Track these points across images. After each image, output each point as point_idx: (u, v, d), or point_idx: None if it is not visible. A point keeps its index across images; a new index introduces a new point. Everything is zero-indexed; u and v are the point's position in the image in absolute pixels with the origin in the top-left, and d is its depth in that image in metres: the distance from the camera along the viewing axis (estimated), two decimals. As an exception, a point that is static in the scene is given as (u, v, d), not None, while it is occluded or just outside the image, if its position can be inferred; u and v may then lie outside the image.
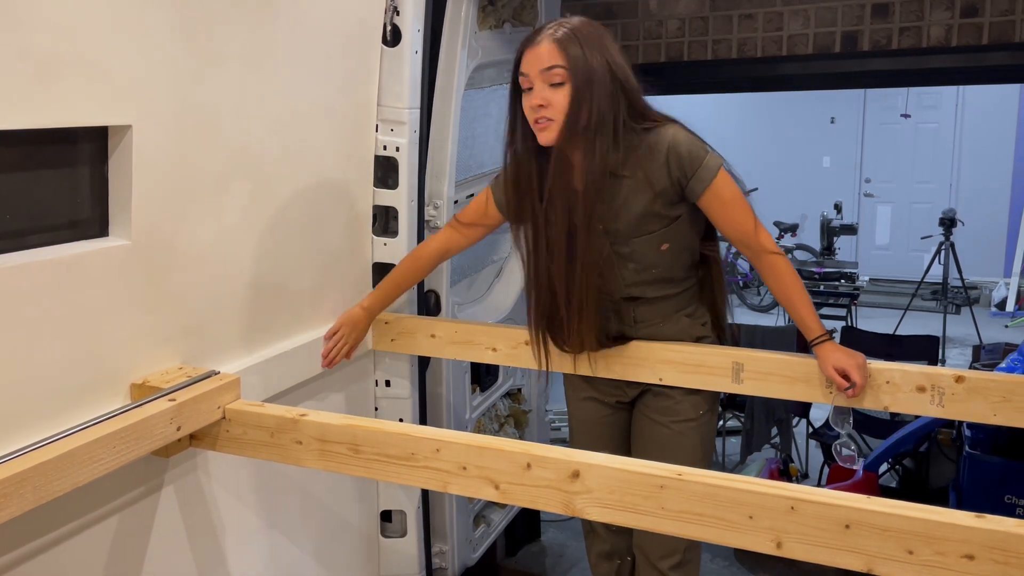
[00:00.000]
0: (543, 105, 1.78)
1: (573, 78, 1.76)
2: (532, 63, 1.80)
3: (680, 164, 1.82)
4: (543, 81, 1.78)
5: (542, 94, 1.78)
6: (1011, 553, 1.12)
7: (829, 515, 1.21)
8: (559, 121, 1.79)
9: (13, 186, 1.41)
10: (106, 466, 1.38)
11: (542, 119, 1.80)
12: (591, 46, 1.78)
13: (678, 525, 1.31)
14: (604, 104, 1.77)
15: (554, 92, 1.78)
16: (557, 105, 1.78)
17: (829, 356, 1.85)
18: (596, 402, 2.12)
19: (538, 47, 1.79)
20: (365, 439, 1.51)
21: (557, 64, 1.76)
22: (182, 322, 1.69)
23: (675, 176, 1.83)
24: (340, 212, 2.15)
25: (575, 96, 1.76)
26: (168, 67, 1.56)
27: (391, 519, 2.48)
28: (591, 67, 1.77)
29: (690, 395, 2.00)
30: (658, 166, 1.83)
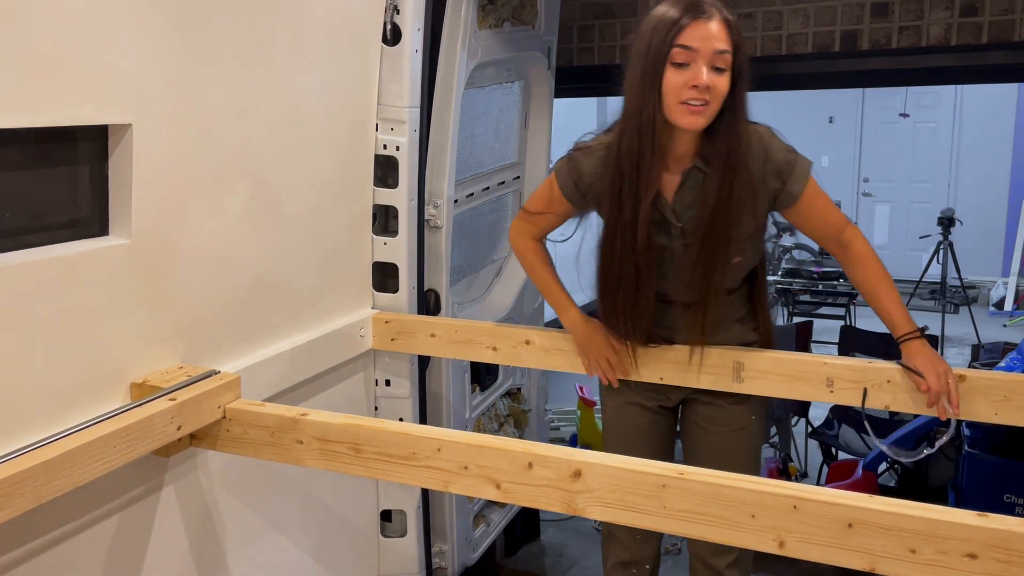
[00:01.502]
0: (709, 86, 1.63)
1: (735, 68, 1.66)
2: (703, 39, 1.63)
3: (778, 172, 1.77)
4: (709, 62, 1.63)
5: (710, 74, 1.63)
6: (1014, 552, 1.12)
7: (831, 514, 1.21)
8: (713, 108, 1.66)
9: (13, 185, 1.41)
10: (106, 466, 1.37)
11: (699, 100, 1.64)
12: (740, 30, 1.70)
13: (680, 524, 1.30)
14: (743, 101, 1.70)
15: (717, 76, 1.64)
16: (719, 90, 1.64)
17: (913, 356, 1.81)
18: (639, 407, 2.07)
19: (709, 23, 1.63)
20: (366, 439, 1.51)
21: (727, 49, 1.64)
22: (182, 321, 1.69)
23: (772, 186, 1.78)
24: (340, 211, 2.15)
25: (732, 86, 1.66)
26: (168, 66, 1.55)
27: (391, 519, 2.47)
28: (746, 57, 1.68)
29: (739, 404, 2.00)
30: (756, 173, 1.77)
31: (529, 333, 2.15)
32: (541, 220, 2.01)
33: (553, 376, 3.64)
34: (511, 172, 3.06)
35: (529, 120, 3.09)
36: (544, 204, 1.99)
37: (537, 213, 2.01)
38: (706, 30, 1.63)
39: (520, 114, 3.05)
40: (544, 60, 2.98)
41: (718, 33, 1.63)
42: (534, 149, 3.14)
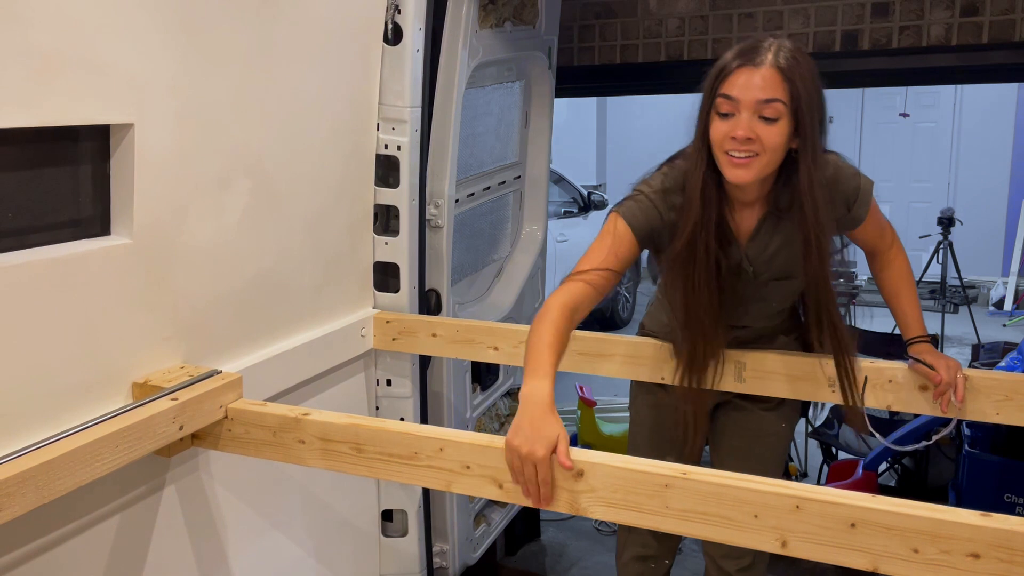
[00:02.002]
0: (750, 138, 1.56)
1: (792, 116, 1.56)
2: (747, 89, 1.54)
3: (846, 200, 1.75)
4: (754, 112, 1.55)
5: (750, 125, 1.55)
6: (1017, 552, 1.12)
7: (834, 514, 1.21)
8: (764, 160, 1.58)
9: (16, 184, 1.41)
10: (108, 465, 1.37)
11: (743, 152, 1.57)
12: (809, 78, 1.58)
13: (683, 524, 1.30)
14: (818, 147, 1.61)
15: (765, 126, 1.55)
16: (767, 140, 1.56)
17: (921, 355, 1.83)
18: (671, 409, 2.04)
19: (756, 71, 1.54)
20: (368, 438, 1.51)
21: (778, 98, 1.54)
22: (184, 321, 1.69)
23: (839, 212, 1.75)
24: (341, 211, 2.15)
25: (792, 136, 1.58)
26: (170, 65, 1.55)
27: (392, 518, 2.47)
28: (811, 106, 1.57)
29: (771, 410, 2.01)
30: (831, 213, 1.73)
31: (530, 333, 2.15)
32: (597, 277, 1.68)
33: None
34: (512, 172, 3.06)
35: (530, 120, 3.09)
36: (604, 253, 1.70)
37: (594, 269, 1.68)
38: (750, 79, 1.54)
39: (521, 114, 3.05)
40: (545, 60, 2.98)
41: (765, 82, 1.54)
42: (535, 149, 3.14)
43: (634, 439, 2.17)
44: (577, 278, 1.66)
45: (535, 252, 3.21)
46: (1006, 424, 1.74)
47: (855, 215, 1.77)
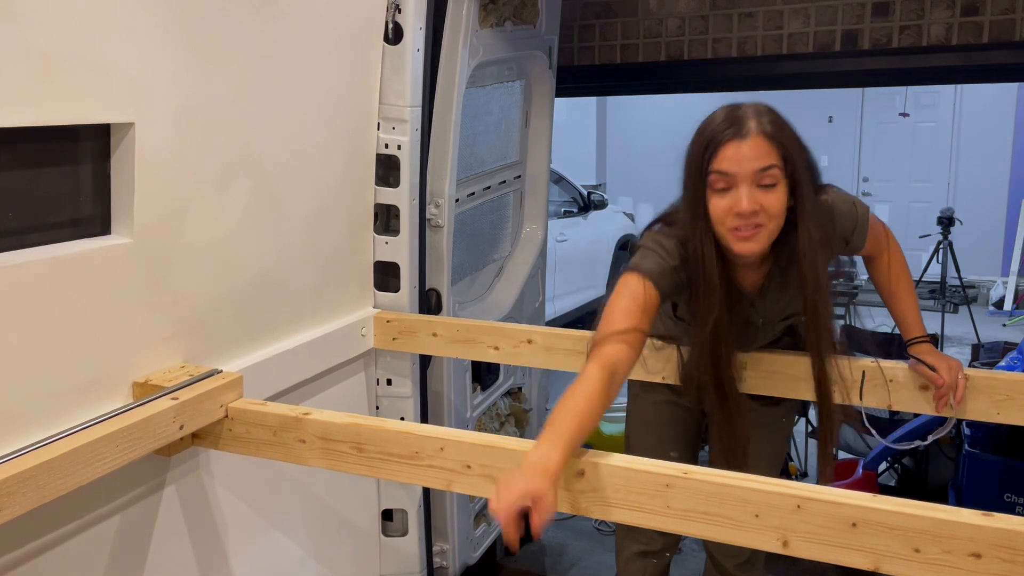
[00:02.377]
0: (755, 211, 1.53)
1: (790, 175, 1.55)
2: (740, 162, 1.52)
3: (844, 235, 1.75)
4: (752, 183, 1.53)
5: (752, 197, 1.52)
6: (1018, 551, 1.12)
7: (836, 513, 1.21)
8: (771, 228, 1.55)
9: (16, 184, 1.41)
10: (109, 465, 1.37)
11: (749, 226, 1.54)
12: (794, 136, 1.58)
13: (684, 524, 1.30)
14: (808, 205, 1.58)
15: (766, 194, 1.53)
16: (771, 209, 1.53)
17: (924, 356, 1.83)
18: (676, 406, 2.06)
19: (744, 142, 1.52)
20: (369, 438, 1.51)
21: (772, 164, 1.52)
22: (184, 320, 1.69)
23: (838, 248, 1.76)
24: (341, 210, 2.15)
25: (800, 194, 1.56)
26: (170, 65, 1.55)
27: (392, 518, 2.47)
28: (802, 162, 1.56)
29: (772, 406, 2.02)
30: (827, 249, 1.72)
31: (531, 332, 2.15)
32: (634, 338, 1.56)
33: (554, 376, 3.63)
34: (512, 171, 3.05)
35: (530, 119, 3.09)
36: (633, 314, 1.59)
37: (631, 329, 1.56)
38: (741, 151, 1.52)
39: (521, 113, 3.05)
40: (545, 59, 2.98)
41: (756, 151, 1.52)
42: (535, 148, 3.14)
43: (634, 437, 2.17)
44: (613, 339, 1.53)
45: (535, 252, 3.21)
46: (1006, 424, 1.74)
47: (854, 245, 1.78)
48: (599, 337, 1.54)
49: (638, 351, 1.57)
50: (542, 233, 3.24)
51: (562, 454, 1.30)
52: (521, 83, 3.01)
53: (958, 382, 1.78)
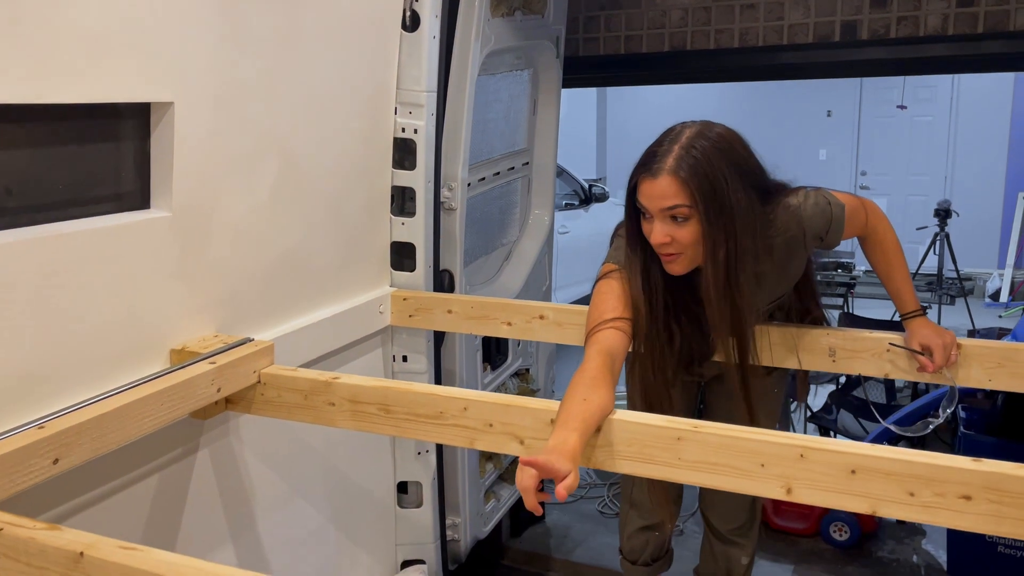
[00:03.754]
0: (666, 242, 1.64)
1: (703, 213, 1.60)
2: (650, 198, 1.62)
3: (817, 234, 1.81)
4: (665, 217, 1.62)
5: (663, 229, 1.63)
6: (1005, 493, 1.21)
7: (836, 461, 1.30)
8: (688, 255, 1.66)
9: (65, 158, 1.49)
10: (155, 423, 1.46)
11: (668, 252, 1.66)
12: (718, 166, 1.60)
13: (694, 475, 1.39)
14: (742, 223, 1.63)
15: (678, 227, 1.62)
16: (683, 239, 1.63)
17: (917, 331, 1.91)
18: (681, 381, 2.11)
19: (656, 181, 1.60)
20: (396, 399, 1.60)
21: (679, 203, 1.60)
22: (216, 292, 1.78)
23: (812, 246, 1.83)
24: (361, 192, 2.23)
25: (708, 232, 1.61)
26: (207, 47, 1.64)
27: (407, 491, 2.56)
28: (720, 197, 1.60)
29: (767, 376, 2.09)
30: (797, 249, 1.82)
31: (542, 308, 2.24)
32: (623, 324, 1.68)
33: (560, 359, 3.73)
34: (520, 158, 3.14)
35: (538, 108, 3.17)
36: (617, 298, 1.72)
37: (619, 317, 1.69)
38: (652, 189, 1.61)
39: (529, 101, 3.14)
40: (553, 49, 3.07)
41: (665, 190, 1.59)
42: (542, 136, 3.23)
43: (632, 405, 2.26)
44: (604, 327, 1.65)
45: (542, 237, 3.30)
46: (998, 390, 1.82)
47: (829, 241, 1.85)
48: (591, 327, 1.66)
49: (629, 335, 1.67)
50: (549, 219, 3.33)
51: (579, 437, 1.36)
52: (529, 72, 3.09)
53: (950, 360, 1.85)
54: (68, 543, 1.04)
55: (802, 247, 1.83)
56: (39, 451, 1.24)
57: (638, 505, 2.35)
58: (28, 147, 1.42)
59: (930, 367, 1.86)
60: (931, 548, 3.30)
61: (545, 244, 3.30)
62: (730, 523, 2.30)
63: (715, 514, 2.30)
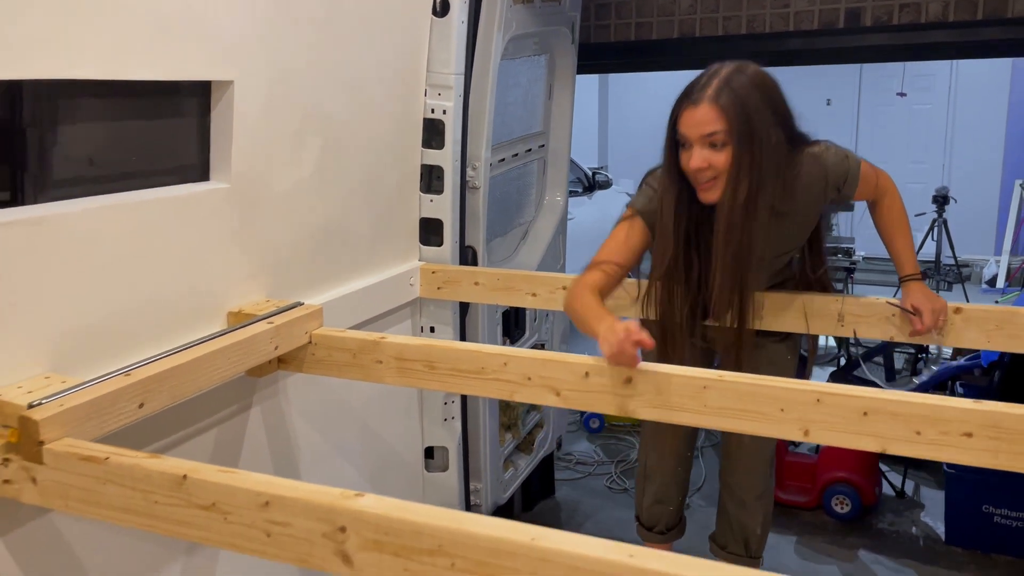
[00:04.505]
0: (704, 167, 1.79)
1: (735, 140, 1.76)
2: (691, 126, 1.77)
3: (836, 184, 1.96)
4: (703, 144, 1.78)
5: (702, 155, 1.77)
6: (1003, 430, 1.34)
7: (849, 405, 1.43)
8: (723, 180, 1.79)
9: (136, 133, 1.62)
10: (222, 375, 1.59)
11: (704, 179, 1.80)
12: (753, 103, 1.76)
13: (720, 420, 1.52)
14: (768, 156, 1.78)
15: (715, 153, 1.77)
16: (720, 165, 1.78)
17: (912, 294, 2.05)
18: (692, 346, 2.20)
19: (697, 109, 1.76)
20: (440, 356, 1.73)
21: (717, 130, 1.75)
22: (267, 260, 1.90)
23: (830, 195, 1.98)
24: (394, 169, 2.36)
25: (737, 156, 1.76)
26: (262, 31, 1.76)
27: (433, 455, 2.69)
28: (753, 126, 1.76)
29: (781, 342, 2.22)
30: (816, 194, 1.95)
31: (565, 280, 2.36)
32: (610, 269, 1.89)
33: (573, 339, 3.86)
34: (537, 140, 3.26)
35: (553, 92, 3.29)
36: (618, 244, 1.93)
37: (607, 261, 1.90)
38: (693, 117, 1.77)
39: (545, 86, 3.26)
40: (568, 35, 3.19)
41: (705, 117, 1.75)
42: (557, 120, 3.35)
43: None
44: (596, 268, 1.89)
45: (557, 219, 3.43)
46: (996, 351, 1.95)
47: (846, 193, 2.01)
48: (591, 263, 1.91)
49: (615, 279, 1.89)
50: (563, 201, 3.46)
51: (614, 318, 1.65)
52: (546, 57, 3.21)
53: (938, 326, 1.99)
54: (171, 468, 1.17)
55: (822, 194, 1.96)
56: (127, 395, 1.37)
57: (651, 481, 2.48)
58: (107, 121, 1.55)
59: (919, 326, 1.99)
60: (929, 520, 3.43)
61: (559, 225, 3.43)
62: (749, 492, 2.39)
63: (735, 482, 2.41)
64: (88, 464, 1.20)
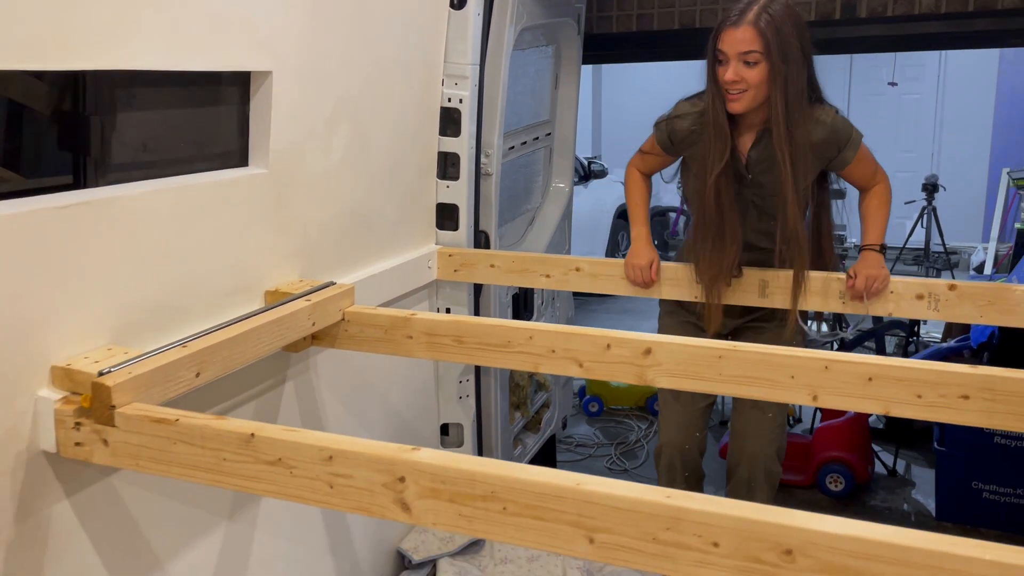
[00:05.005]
0: (736, 80, 2.07)
1: (768, 60, 2.05)
2: (730, 45, 2.07)
3: (837, 143, 2.21)
4: (739, 60, 2.06)
5: (736, 70, 2.06)
6: (998, 391, 1.46)
7: (855, 371, 1.54)
8: (751, 94, 2.09)
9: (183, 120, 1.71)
10: (267, 348, 1.69)
11: (735, 90, 2.09)
12: (787, 30, 2.05)
13: (734, 387, 1.63)
14: (795, 79, 2.08)
15: (748, 69, 2.06)
16: (750, 80, 2.07)
17: (861, 260, 2.24)
18: (694, 327, 2.44)
19: (737, 30, 2.05)
20: (468, 331, 1.83)
21: (754, 49, 2.05)
22: (300, 241, 2.00)
23: (831, 154, 2.21)
24: (413, 156, 2.46)
25: (769, 75, 2.06)
26: (299, 22, 1.86)
27: (449, 432, 2.80)
28: (785, 53, 2.05)
29: (782, 327, 2.36)
30: (818, 145, 2.18)
31: (578, 261, 2.47)
32: (648, 159, 2.45)
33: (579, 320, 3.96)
34: (544, 129, 3.37)
35: (559, 82, 3.39)
36: (648, 148, 2.44)
37: (646, 152, 2.45)
38: (733, 36, 2.06)
39: (552, 76, 3.36)
40: (575, 26, 3.29)
41: (744, 37, 2.05)
42: (563, 110, 3.45)
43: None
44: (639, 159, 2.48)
45: (562, 206, 3.54)
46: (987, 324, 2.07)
47: (844, 156, 2.24)
48: (634, 157, 2.48)
49: (652, 169, 2.47)
50: (568, 189, 3.56)
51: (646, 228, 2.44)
52: (552, 48, 3.31)
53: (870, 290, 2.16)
54: (239, 427, 1.27)
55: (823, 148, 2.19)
56: (185, 365, 1.47)
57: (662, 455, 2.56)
58: (158, 109, 1.64)
59: (849, 284, 2.19)
60: (920, 497, 3.56)
61: (566, 211, 3.53)
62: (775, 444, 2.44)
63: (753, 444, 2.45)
64: (160, 426, 1.30)
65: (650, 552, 1.05)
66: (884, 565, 0.94)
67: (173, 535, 1.70)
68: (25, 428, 1.37)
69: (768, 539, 0.99)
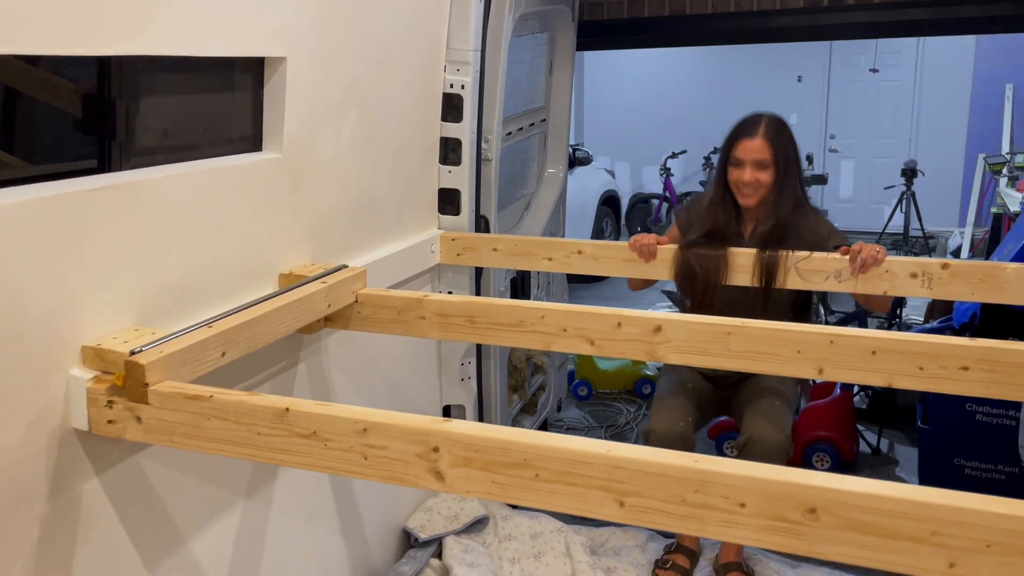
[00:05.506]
0: (752, 182, 2.46)
1: (776, 167, 2.46)
2: (747, 152, 2.46)
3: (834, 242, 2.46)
4: (753, 165, 2.45)
5: (753, 173, 2.45)
6: (995, 363, 1.52)
7: (860, 345, 1.60)
8: (762, 192, 2.48)
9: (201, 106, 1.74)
10: (285, 329, 1.72)
11: (748, 189, 2.47)
12: (788, 144, 2.48)
13: (741, 362, 1.69)
14: (791, 185, 2.49)
15: (760, 172, 2.46)
16: (762, 181, 2.46)
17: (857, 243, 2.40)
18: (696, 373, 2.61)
19: (753, 140, 2.45)
20: (480, 312, 1.87)
21: (767, 158, 2.45)
22: (312, 225, 2.03)
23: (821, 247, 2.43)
24: (416, 142, 2.49)
25: (776, 179, 2.47)
26: (309, 10, 1.88)
27: (450, 414, 2.85)
28: (788, 160, 2.48)
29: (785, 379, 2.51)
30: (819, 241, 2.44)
31: (579, 244, 2.52)
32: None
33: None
34: (539, 115, 3.41)
35: (554, 68, 3.43)
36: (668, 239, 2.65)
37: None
38: (750, 147, 2.46)
39: (547, 63, 3.40)
40: (569, 13, 3.33)
41: (759, 147, 2.45)
42: (558, 96, 3.50)
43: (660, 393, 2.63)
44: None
45: (557, 191, 3.58)
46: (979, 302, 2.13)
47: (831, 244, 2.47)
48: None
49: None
50: (562, 174, 3.61)
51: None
52: (547, 35, 3.35)
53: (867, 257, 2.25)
54: (273, 403, 1.31)
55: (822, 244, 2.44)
56: (212, 345, 1.50)
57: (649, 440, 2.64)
58: (177, 95, 1.67)
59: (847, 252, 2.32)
60: (904, 474, 3.65)
61: (560, 196, 3.58)
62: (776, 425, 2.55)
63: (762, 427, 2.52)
64: (194, 402, 1.34)
65: (679, 514, 1.10)
66: (904, 521, 1.00)
67: (194, 512, 1.73)
68: (58, 407, 1.40)
69: (793, 499, 1.05)
